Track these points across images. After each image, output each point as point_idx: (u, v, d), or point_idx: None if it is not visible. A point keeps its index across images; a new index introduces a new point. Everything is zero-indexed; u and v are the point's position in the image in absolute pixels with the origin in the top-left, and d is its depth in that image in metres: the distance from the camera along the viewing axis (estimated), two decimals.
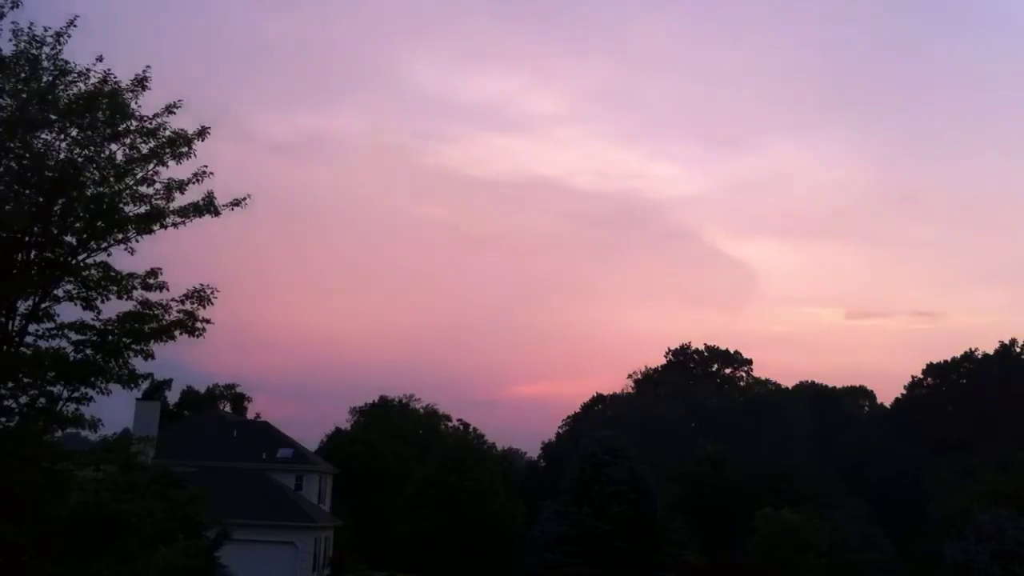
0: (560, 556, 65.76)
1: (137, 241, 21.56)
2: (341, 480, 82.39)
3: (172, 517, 30.89)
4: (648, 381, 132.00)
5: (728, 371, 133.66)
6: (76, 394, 21.30)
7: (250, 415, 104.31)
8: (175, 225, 21.83)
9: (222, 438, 71.54)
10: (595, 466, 69.92)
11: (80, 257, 21.38)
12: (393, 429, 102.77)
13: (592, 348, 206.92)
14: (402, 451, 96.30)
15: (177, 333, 21.79)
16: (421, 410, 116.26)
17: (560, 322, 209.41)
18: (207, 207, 21.86)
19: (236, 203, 22.20)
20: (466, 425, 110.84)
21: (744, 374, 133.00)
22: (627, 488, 68.42)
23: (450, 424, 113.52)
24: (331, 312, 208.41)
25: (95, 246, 21.40)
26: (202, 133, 21.62)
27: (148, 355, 22.01)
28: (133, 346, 21.67)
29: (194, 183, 21.79)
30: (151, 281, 21.82)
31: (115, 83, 20.67)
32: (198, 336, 22.07)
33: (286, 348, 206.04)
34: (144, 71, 21.39)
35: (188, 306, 21.65)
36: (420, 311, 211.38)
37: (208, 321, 22.19)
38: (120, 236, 21.27)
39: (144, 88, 21.27)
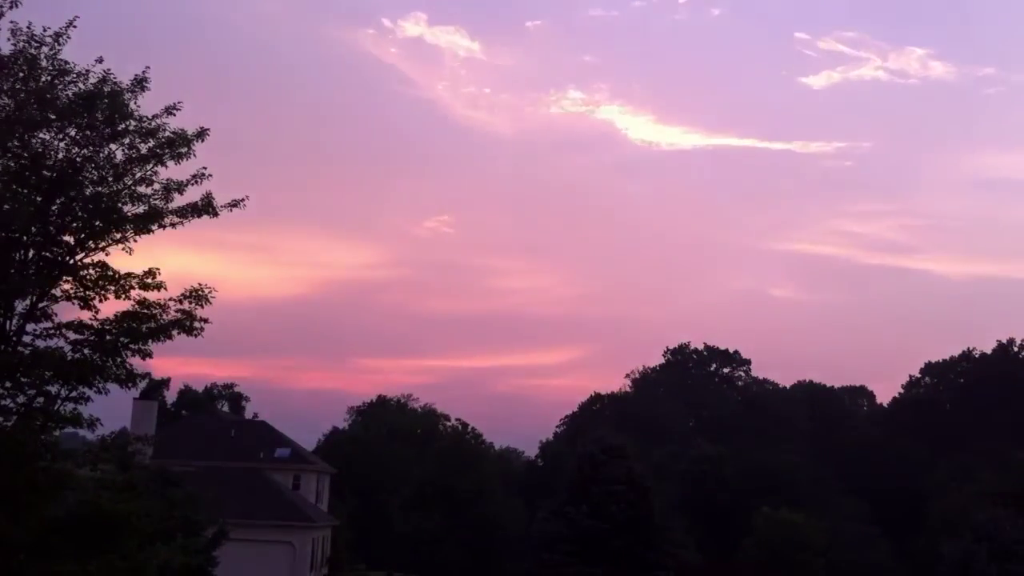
0: (558, 556, 65.60)
1: (135, 241, 21.62)
2: (339, 480, 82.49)
3: (170, 516, 30.79)
4: (646, 381, 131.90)
5: (727, 371, 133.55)
6: (74, 394, 21.31)
7: (248, 414, 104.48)
8: (173, 225, 21.91)
9: (220, 437, 71.40)
10: (593, 466, 69.74)
11: (78, 257, 21.42)
12: (391, 429, 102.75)
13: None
14: (400, 451, 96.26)
15: (175, 332, 21.82)
16: (419, 409, 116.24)
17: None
18: (205, 208, 21.93)
19: (234, 204, 22.27)
20: (464, 424, 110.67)
21: (743, 374, 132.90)
22: (625, 488, 68.24)
23: (448, 424, 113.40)
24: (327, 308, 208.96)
25: (93, 246, 21.44)
26: (201, 134, 21.64)
27: (146, 354, 22.05)
28: (131, 345, 21.69)
29: (193, 184, 21.85)
30: (149, 281, 21.84)
31: (114, 83, 20.69)
32: (196, 336, 22.12)
33: (284, 346, 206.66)
34: (144, 72, 21.43)
35: (186, 306, 21.69)
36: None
37: (206, 320, 22.25)
38: (118, 236, 21.31)
39: (144, 89, 21.28)
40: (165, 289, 22.03)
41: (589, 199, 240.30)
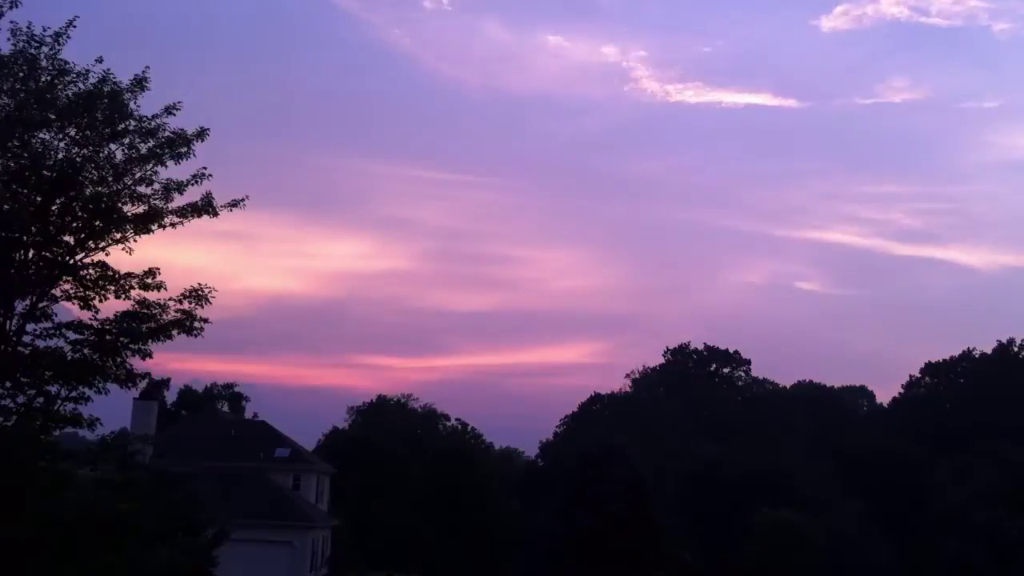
0: (558, 556, 65.59)
1: (135, 241, 21.60)
2: (340, 480, 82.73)
3: (170, 516, 30.87)
4: (646, 380, 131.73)
5: (726, 370, 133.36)
6: (74, 394, 21.34)
7: (248, 414, 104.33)
8: (173, 225, 21.91)
9: (220, 437, 71.26)
10: (592, 466, 69.66)
11: (78, 257, 21.44)
12: (391, 428, 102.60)
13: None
14: (400, 450, 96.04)
15: (175, 332, 21.82)
16: (419, 409, 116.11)
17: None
18: (205, 207, 21.92)
19: (234, 204, 22.26)
20: (464, 424, 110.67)
21: (743, 374, 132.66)
22: (624, 488, 68.15)
23: (448, 423, 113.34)
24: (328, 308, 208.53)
25: (93, 246, 21.46)
26: (201, 134, 21.60)
27: (146, 354, 22.06)
28: (131, 345, 21.71)
29: (193, 184, 21.84)
30: (149, 281, 21.84)
31: (114, 83, 20.69)
32: (196, 335, 22.13)
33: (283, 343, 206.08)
34: (144, 71, 21.42)
35: (186, 305, 21.70)
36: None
37: (206, 320, 22.25)
38: (118, 236, 21.31)
39: (143, 88, 21.30)
40: (165, 289, 22.12)
41: (582, 170, 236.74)
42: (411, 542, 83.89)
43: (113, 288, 21.69)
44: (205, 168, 21.84)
